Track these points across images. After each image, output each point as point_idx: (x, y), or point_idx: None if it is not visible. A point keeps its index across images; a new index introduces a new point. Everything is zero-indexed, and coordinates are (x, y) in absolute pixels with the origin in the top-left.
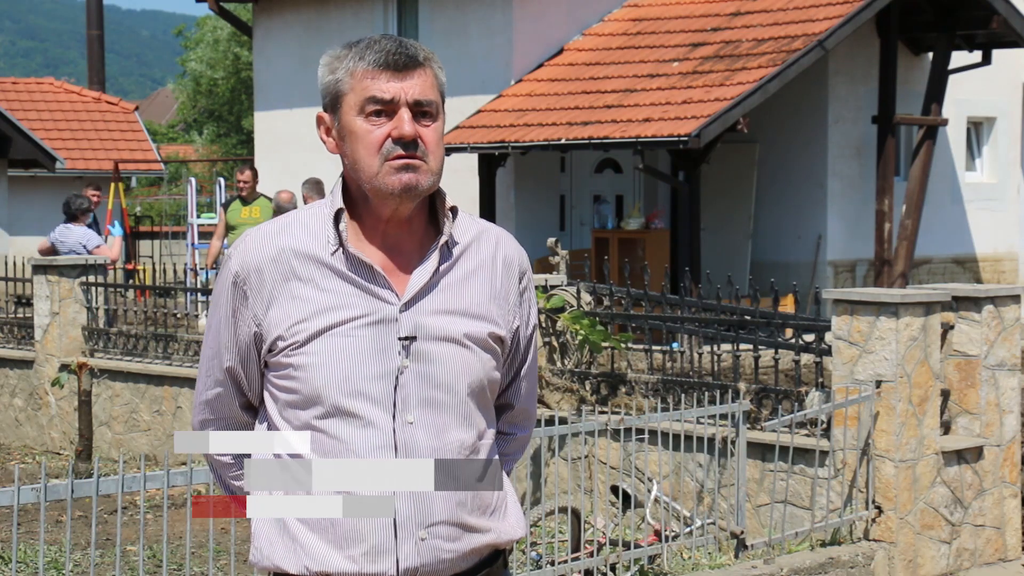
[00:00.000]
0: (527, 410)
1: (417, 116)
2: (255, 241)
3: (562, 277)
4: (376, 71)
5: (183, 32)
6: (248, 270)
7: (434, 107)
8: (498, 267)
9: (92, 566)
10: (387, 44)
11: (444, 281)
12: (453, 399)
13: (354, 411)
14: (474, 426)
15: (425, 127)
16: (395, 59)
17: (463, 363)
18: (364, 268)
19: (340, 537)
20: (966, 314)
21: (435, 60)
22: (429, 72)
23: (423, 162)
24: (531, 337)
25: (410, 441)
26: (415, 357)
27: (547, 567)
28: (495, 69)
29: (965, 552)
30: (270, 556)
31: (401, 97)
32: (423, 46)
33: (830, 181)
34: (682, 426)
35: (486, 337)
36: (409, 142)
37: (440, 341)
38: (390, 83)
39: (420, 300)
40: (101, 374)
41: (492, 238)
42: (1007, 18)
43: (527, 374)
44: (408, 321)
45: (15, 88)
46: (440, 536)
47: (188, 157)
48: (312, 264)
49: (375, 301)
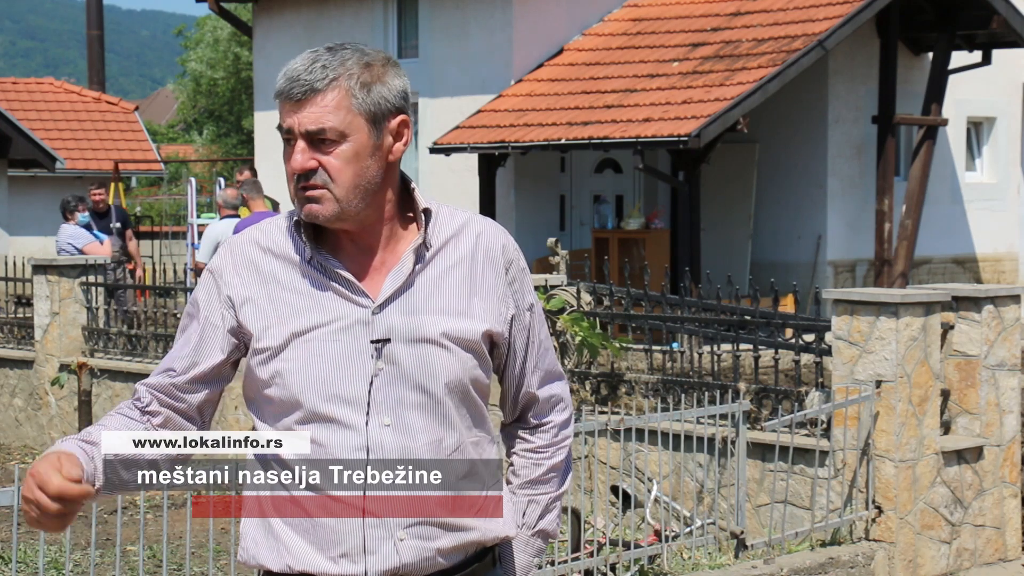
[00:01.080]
0: (554, 395)
1: (317, 144)
2: (236, 245)
3: (562, 277)
4: (281, 101)
5: (183, 32)
6: (227, 270)
7: (333, 133)
8: (479, 261)
9: (92, 566)
10: (295, 69)
11: (419, 281)
12: (429, 400)
13: (331, 415)
14: (454, 426)
15: (327, 153)
16: (290, 88)
17: (439, 363)
18: (335, 274)
19: (321, 539)
20: (966, 314)
21: (356, 73)
22: (334, 93)
23: (325, 190)
24: (531, 323)
25: (385, 443)
26: (388, 359)
27: (547, 567)
28: (495, 69)
29: (965, 552)
30: (255, 555)
31: (295, 128)
32: (353, 57)
33: (830, 181)
34: (682, 426)
35: (466, 335)
36: (301, 174)
37: (414, 342)
38: (288, 115)
39: (394, 301)
40: (101, 374)
41: (473, 232)
42: (1007, 18)
43: (540, 361)
44: (381, 323)
45: (15, 88)
46: (419, 536)
47: (188, 157)
48: (290, 268)
49: (348, 305)
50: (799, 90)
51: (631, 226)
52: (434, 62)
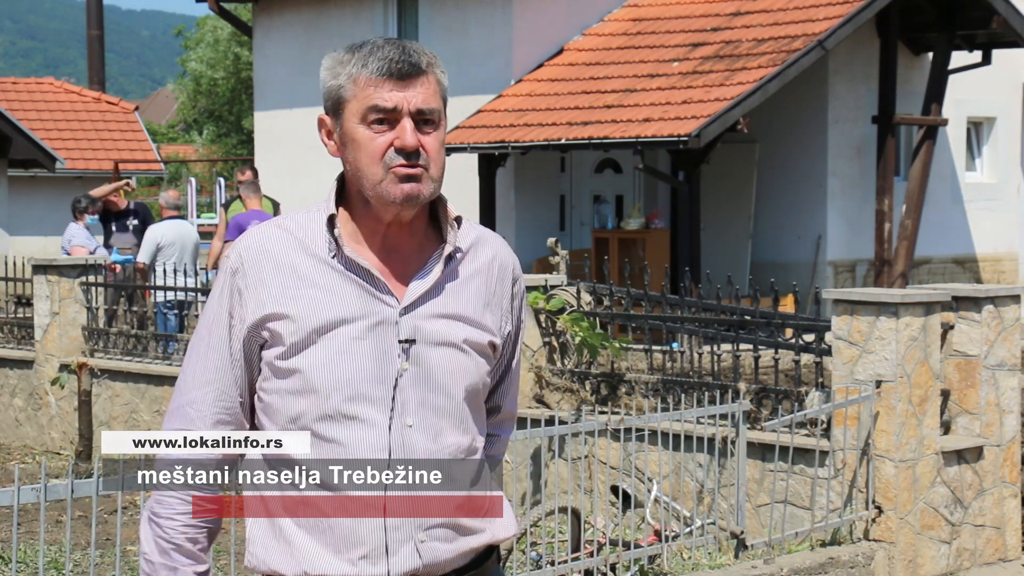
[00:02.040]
0: (513, 412)
1: (419, 124)
2: (257, 237)
3: (562, 277)
4: (379, 79)
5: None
6: (248, 266)
7: (436, 115)
8: (494, 273)
9: (92, 566)
10: (391, 51)
11: (444, 286)
12: (451, 403)
13: (354, 414)
14: (469, 430)
15: (427, 135)
16: (398, 67)
17: (461, 367)
18: (362, 271)
19: (338, 540)
20: (966, 314)
21: (438, 65)
22: (432, 79)
23: (425, 171)
24: (517, 342)
25: (408, 443)
26: (414, 360)
27: (547, 567)
28: (495, 69)
29: (965, 552)
30: (266, 560)
31: (404, 106)
32: (427, 50)
33: (830, 181)
34: (682, 426)
35: (482, 342)
36: (412, 152)
37: (439, 345)
38: (393, 92)
39: (421, 304)
40: (101, 374)
41: (489, 245)
42: (1007, 18)
43: (515, 378)
44: (407, 324)
45: (15, 88)
46: (438, 538)
47: (188, 157)
48: (312, 264)
49: (375, 303)
50: (799, 90)
51: (631, 226)
52: None
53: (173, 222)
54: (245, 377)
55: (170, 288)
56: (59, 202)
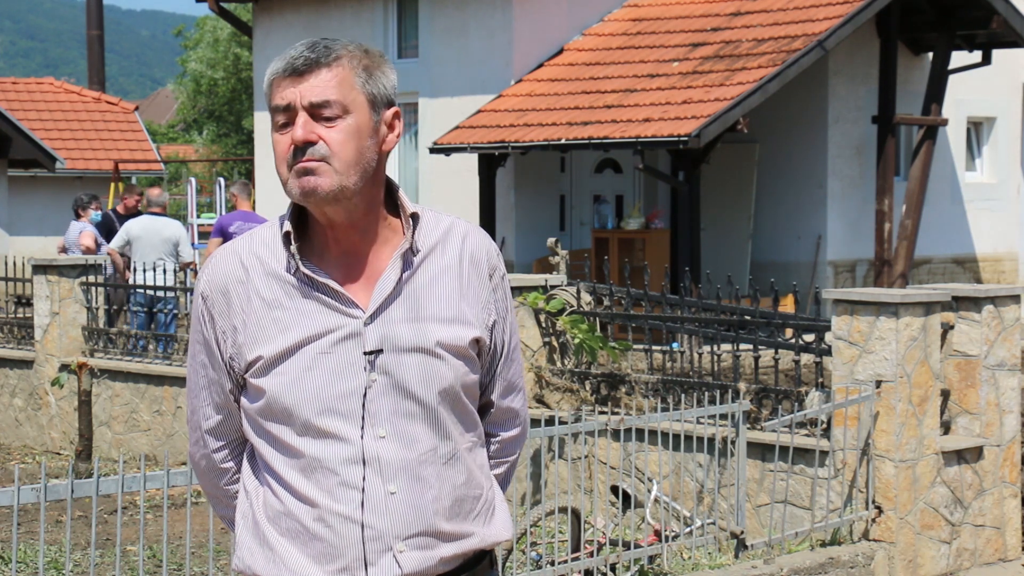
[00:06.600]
0: (511, 408)
1: (319, 118)
2: (220, 262)
3: (562, 277)
4: (280, 79)
5: (183, 32)
6: (215, 292)
7: (337, 105)
8: (465, 266)
9: (92, 566)
10: (297, 50)
11: (409, 288)
12: (424, 409)
13: (326, 428)
14: (449, 434)
15: (329, 128)
16: (295, 63)
17: (432, 372)
18: (321, 285)
19: (319, 553)
20: (966, 314)
21: (358, 56)
22: (338, 70)
23: (325, 164)
24: (506, 332)
25: (382, 455)
26: (382, 370)
27: (547, 567)
28: (495, 69)
29: (965, 552)
30: (251, 565)
31: (296, 101)
32: (350, 44)
33: (830, 181)
34: (682, 426)
35: (459, 342)
36: (300, 147)
37: (407, 352)
38: (287, 89)
39: (385, 310)
40: (101, 374)
41: (458, 236)
42: (1007, 18)
43: (504, 371)
44: (374, 334)
45: (15, 88)
46: (418, 547)
47: (188, 157)
48: (276, 283)
49: (339, 317)
50: (799, 90)
51: (631, 226)
52: (434, 62)
53: (148, 218)
54: (236, 388)
55: (148, 287)
56: (59, 202)
